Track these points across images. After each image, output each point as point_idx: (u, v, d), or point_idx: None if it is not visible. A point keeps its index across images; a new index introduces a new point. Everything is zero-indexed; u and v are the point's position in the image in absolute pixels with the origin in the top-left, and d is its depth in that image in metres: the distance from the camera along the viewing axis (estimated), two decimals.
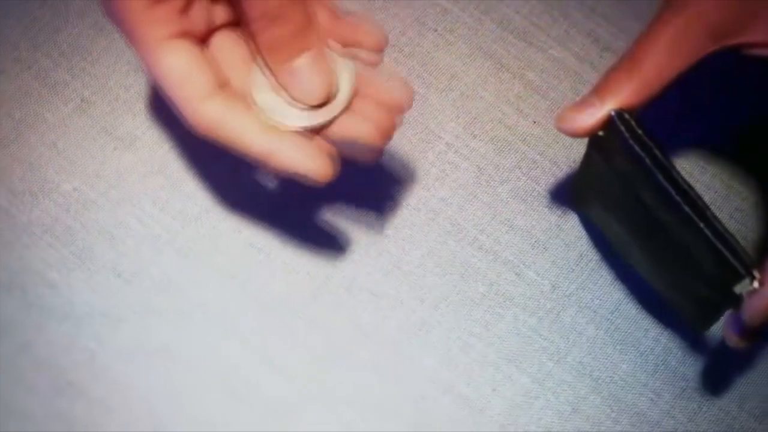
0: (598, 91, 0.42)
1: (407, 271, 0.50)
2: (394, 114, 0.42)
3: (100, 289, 0.48)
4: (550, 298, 0.50)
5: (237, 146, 0.39)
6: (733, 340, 0.42)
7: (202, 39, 0.40)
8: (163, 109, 0.51)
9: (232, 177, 0.51)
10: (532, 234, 0.51)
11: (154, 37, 0.38)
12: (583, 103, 0.42)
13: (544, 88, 0.54)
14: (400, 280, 0.50)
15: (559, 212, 0.51)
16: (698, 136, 0.52)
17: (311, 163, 0.39)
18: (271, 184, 0.50)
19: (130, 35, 0.38)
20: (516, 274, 0.50)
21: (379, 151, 0.42)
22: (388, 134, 0.41)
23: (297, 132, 0.40)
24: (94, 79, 0.52)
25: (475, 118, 0.53)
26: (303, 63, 0.39)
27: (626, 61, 0.42)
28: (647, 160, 0.40)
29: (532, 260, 0.51)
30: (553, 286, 0.50)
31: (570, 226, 0.51)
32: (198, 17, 0.39)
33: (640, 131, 0.40)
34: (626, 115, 0.41)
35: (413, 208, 0.51)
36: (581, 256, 0.51)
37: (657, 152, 0.40)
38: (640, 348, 0.49)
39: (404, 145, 0.52)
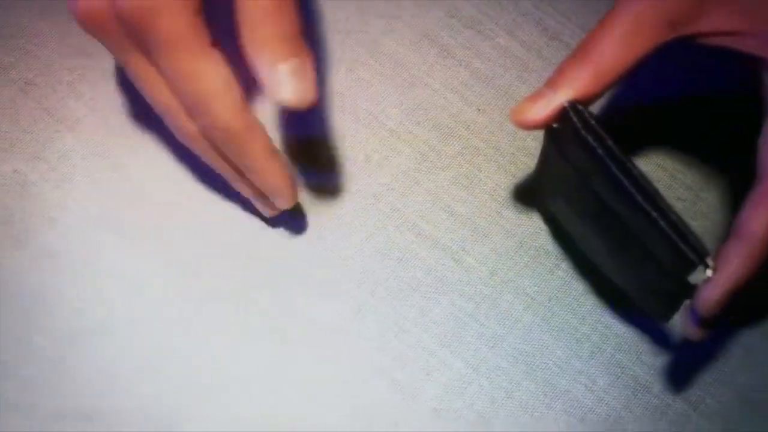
0: (552, 82, 0.42)
1: (345, 256, 0.50)
2: None
3: (37, 271, 0.49)
4: (487, 285, 0.50)
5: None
6: (690, 331, 0.42)
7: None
8: (107, 93, 0.52)
9: (174, 160, 0.51)
10: (472, 221, 0.51)
11: (200, 45, 0.39)
12: (536, 94, 0.42)
13: (490, 76, 0.54)
14: (337, 264, 0.50)
15: (500, 200, 0.52)
16: (642, 126, 0.53)
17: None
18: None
19: (170, 44, 0.38)
20: (454, 260, 0.51)
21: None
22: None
23: None
24: (38, 61, 0.53)
25: (419, 105, 0.53)
26: (289, 67, 0.39)
27: (580, 52, 0.42)
28: (600, 151, 0.40)
29: (471, 247, 0.51)
30: (491, 272, 0.50)
31: (511, 213, 0.51)
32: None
33: (593, 122, 0.41)
34: (579, 106, 0.41)
35: (353, 193, 0.51)
36: (521, 244, 0.51)
37: (610, 143, 0.40)
38: (576, 335, 0.50)
39: (347, 130, 0.52)
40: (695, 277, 0.40)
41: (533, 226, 0.51)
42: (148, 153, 0.51)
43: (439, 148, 0.52)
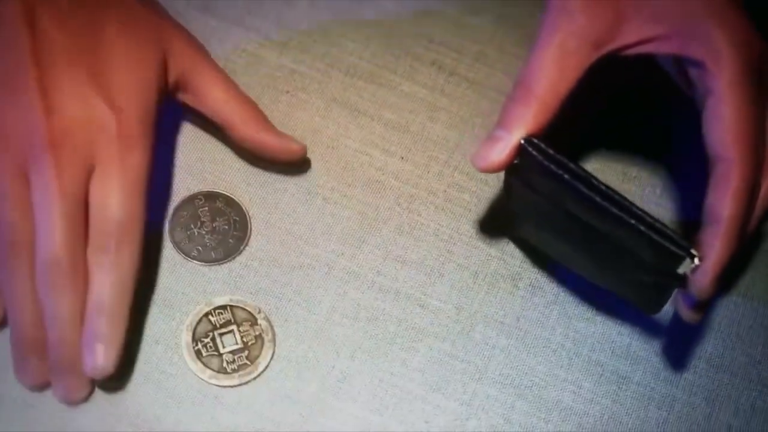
0: (503, 124, 0.44)
1: (316, 329, 0.51)
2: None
3: None
4: (457, 321, 0.52)
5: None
6: (688, 315, 0.45)
7: None
8: None
9: None
10: (425, 264, 0.53)
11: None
12: (492, 139, 0.44)
13: (403, 123, 0.56)
14: (311, 339, 0.50)
15: (445, 238, 0.53)
16: (583, 137, 0.55)
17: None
18: None
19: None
20: (420, 306, 0.52)
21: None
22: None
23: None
24: None
25: (345, 167, 0.54)
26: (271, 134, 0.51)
27: (520, 89, 0.44)
28: (566, 176, 0.43)
29: (432, 289, 0.52)
30: (458, 308, 0.52)
31: (458, 248, 0.53)
32: None
33: (551, 151, 0.43)
34: (535, 140, 0.43)
35: (308, 267, 0.52)
36: (476, 274, 0.53)
37: (572, 166, 0.43)
38: (551, 347, 0.51)
39: (284, 207, 0.53)
40: (683, 268, 0.43)
41: (482, 255, 0.53)
42: None
43: (375, 203, 0.54)
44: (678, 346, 0.52)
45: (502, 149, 0.43)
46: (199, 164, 0.53)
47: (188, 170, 0.53)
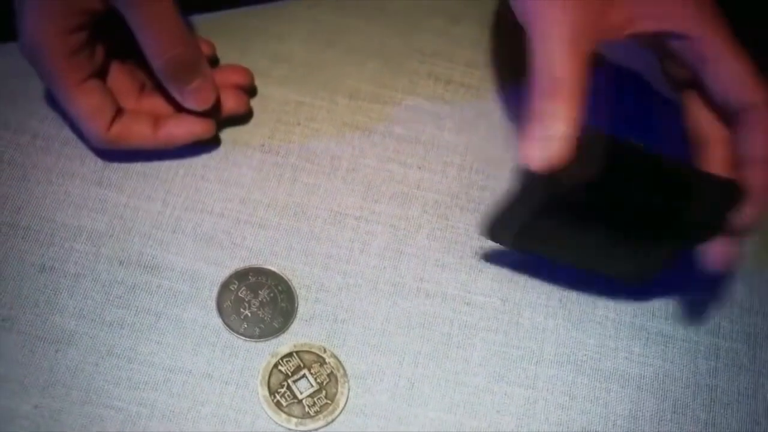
0: (548, 120, 0.43)
1: (374, 343, 0.52)
2: (246, 85, 0.56)
3: None
4: (505, 312, 0.54)
5: (139, 147, 0.53)
6: (717, 265, 0.48)
7: (103, 70, 0.52)
8: None
9: None
10: (463, 263, 0.55)
11: (74, 81, 0.50)
12: (544, 139, 0.43)
13: (414, 135, 0.58)
14: (372, 354, 0.52)
15: (476, 235, 0.55)
16: None
17: (198, 128, 0.54)
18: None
19: (50, 78, 0.50)
20: (467, 303, 0.54)
21: (247, 104, 0.56)
22: (246, 102, 0.56)
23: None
24: None
25: (368, 186, 0.56)
26: (195, 86, 0.52)
27: (548, 85, 0.44)
28: (634, 155, 0.45)
29: (474, 286, 0.54)
30: (503, 300, 0.54)
31: (491, 243, 0.55)
32: (99, 56, 0.52)
33: (610, 135, 0.44)
34: (589, 128, 0.44)
35: (354, 286, 0.53)
36: (513, 263, 0.55)
37: (633, 143, 0.45)
38: (596, 320, 0.54)
39: (318, 233, 0.54)
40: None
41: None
42: None
43: (403, 214, 0.56)
44: (710, 298, 0.55)
45: (559, 146, 0.43)
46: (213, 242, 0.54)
47: (206, 260, 0.53)
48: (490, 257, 0.55)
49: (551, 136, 0.43)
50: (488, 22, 0.62)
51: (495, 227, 0.51)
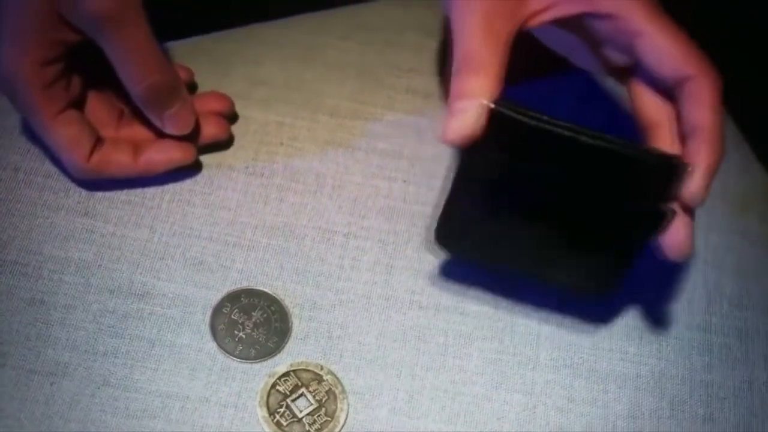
0: (461, 95, 0.45)
1: (370, 358, 0.52)
2: (227, 112, 0.57)
3: None
4: (498, 319, 0.54)
5: (120, 176, 0.53)
6: (677, 249, 0.47)
7: (80, 101, 0.52)
8: None
9: None
10: (454, 273, 0.55)
11: (51, 112, 0.50)
12: (456, 111, 0.45)
13: (397, 149, 0.58)
14: (369, 368, 0.52)
15: None
16: None
17: (178, 154, 0.54)
18: None
19: (27, 110, 0.50)
20: (460, 313, 0.54)
21: (228, 131, 0.56)
22: (227, 128, 0.56)
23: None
24: None
25: (355, 202, 0.56)
26: (174, 111, 0.52)
27: (465, 63, 0.45)
28: (552, 128, 0.44)
29: (467, 295, 0.54)
30: (495, 307, 0.54)
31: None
32: (75, 86, 0.52)
33: (524, 108, 0.44)
34: (504, 102, 0.44)
35: (347, 302, 0.53)
36: (504, 272, 0.55)
37: (551, 117, 0.44)
38: (589, 323, 0.54)
39: (308, 252, 0.54)
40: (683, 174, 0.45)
41: None
42: None
43: (392, 229, 0.56)
44: (699, 295, 0.55)
45: (472, 117, 0.44)
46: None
47: (196, 284, 0.53)
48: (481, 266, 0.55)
49: (464, 108, 0.44)
50: None
51: (441, 231, 0.50)
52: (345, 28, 0.62)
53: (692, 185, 0.46)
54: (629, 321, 0.54)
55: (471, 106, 0.45)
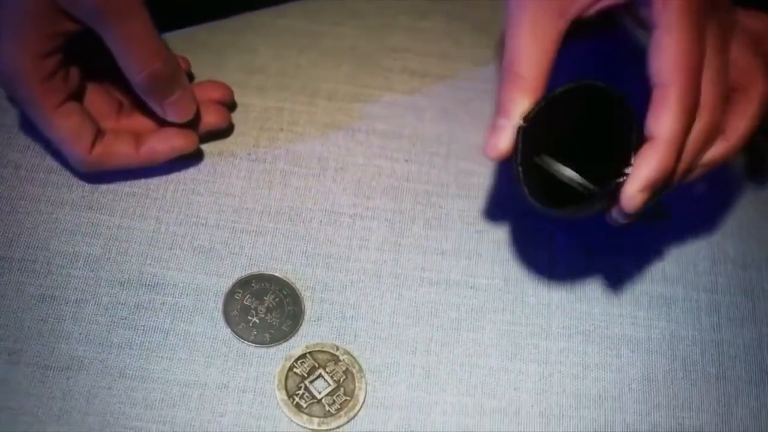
0: (502, 111, 0.47)
1: (385, 336, 0.52)
2: (226, 100, 0.57)
3: None
4: (509, 291, 0.54)
5: (122, 167, 0.53)
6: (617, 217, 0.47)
7: (80, 93, 0.52)
8: None
9: None
10: (462, 249, 0.55)
11: (51, 105, 0.50)
12: (496, 129, 0.47)
13: (396, 129, 0.58)
14: (384, 347, 0.52)
15: (471, 220, 0.56)
16: None
17: (180, 142, 0.53)
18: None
19: (27, 104, 0.50)
20: (471, 287, 0.54)
21: (228, 118, 0.56)
22: (227, 116, 0.56)
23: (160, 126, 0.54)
24: None
25: (359, 183, 0.56)
26: (175, 98, 0.52)
27: (508, 74, 0.47)
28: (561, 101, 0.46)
29: (476, 269, 0.55)
30: (505, 280, 0.54)
31: (485, 226, 0.56)
32: (74, 78, 0.51)
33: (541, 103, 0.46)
34: (528, 117, 0.46)
35: (358, 282, 0.53)
36: (510, 243, 0.56)
37: (556, 92, 0.46)
38: (598, 290, 0.55)
39: (315, 234, 0.54)
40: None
41: (509, 224, 0.56)
42: None
43: (397, 207, 0.56)
44: (703, 255, 0.56)
45: (508, 136, 0.46)
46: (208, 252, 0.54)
47: (207, 272, 0.53)
48: (488, 240, 0.55)
49: (504, 127, 0.46)
50: (455, 15, 0.63)
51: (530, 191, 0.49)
52: (337, 15, 0.62)
53: (626, 190, 0.45)
54: (636, 287, 0.55)
55: (509, 126, 0.46)
